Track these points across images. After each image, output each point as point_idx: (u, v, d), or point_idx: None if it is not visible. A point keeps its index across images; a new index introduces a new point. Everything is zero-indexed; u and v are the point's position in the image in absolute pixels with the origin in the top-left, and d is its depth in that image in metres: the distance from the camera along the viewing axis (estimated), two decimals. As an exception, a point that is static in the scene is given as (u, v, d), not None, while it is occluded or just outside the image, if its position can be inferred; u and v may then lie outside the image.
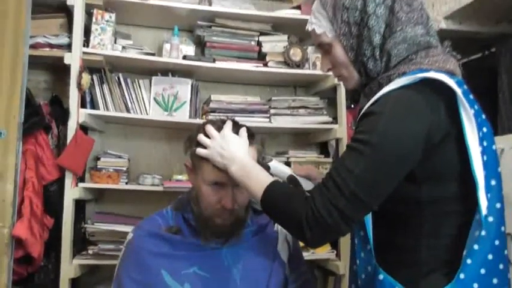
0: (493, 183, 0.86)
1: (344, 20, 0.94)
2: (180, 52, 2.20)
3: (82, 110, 1.97)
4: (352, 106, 2.28)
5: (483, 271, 0.82)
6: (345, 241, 2.14)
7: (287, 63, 2.30)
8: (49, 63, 2.13)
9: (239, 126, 1.16)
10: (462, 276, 0.82)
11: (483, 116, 0.89)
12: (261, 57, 2.33)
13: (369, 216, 0.89)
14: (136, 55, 2.14)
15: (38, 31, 2.02)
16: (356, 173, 0.81)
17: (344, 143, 2.26)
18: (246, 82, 2.48)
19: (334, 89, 2.34)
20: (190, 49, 2.29)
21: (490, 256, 0.82)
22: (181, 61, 2.15)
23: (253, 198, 1.03)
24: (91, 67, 2.06)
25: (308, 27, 1.02)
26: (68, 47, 2.04)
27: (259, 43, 2.33)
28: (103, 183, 2.03)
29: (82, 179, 2.06)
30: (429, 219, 0.87)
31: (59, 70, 2.12)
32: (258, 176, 0.99)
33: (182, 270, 1.09)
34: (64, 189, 1.91)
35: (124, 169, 2.14)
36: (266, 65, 2.30)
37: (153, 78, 2.20)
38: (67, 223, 1.89)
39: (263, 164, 1.14)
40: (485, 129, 0.87)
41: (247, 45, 2.32)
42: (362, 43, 0.92)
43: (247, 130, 1.13)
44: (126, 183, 2.13)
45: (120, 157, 2.17)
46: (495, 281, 0.83)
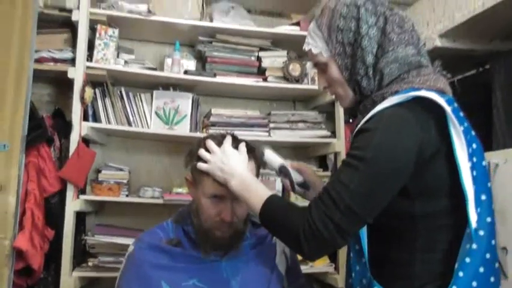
0: (483, 198, 0.88)
1: (339, 41, 0.98)
2: (181, 67, 2.24)
3: (84, 123, 2.00)
4: (350, 121, 2.31)
5: (475, 284, 0.84)
6: (343, 255, 2.15)
7: (286, 78, 2.34)
8: (53, 77, 2.17)
9: (238, 141, 1.20)
10: None
11: (472, 133, 0.92)
12: (261, 72, 2.37)
13: (364, 230, 0.92)
14: (138, 69, 2.17)
15: (43, 46, 2.06)
16: (351, 188, 0.84)
17: (342, 157, 2.28)
18: (246, 96, 2.52)
19: (332, 104, 2.37)
20: (191, 64, 2.33)
21: (481, 269, 0.84)
22: (182, 76, 2.18)
23: (252, 212, 1.05)
24: (94, 81, 2.09)
25: (305, 47, 1.05)
26: (72, 62, 2.08)
27: (259, 58, 2.38)
28: (104, 195, 2.05)
29: (83, 191, 2.08)
30: (422, 233, 0.90)
31: (63, 84, 2.16)
32: (257, 191, 1.01)
33: (182, 282, 1.11)
34: (65, 201, 1.93)
35: (125, 181, 2.16)
36: (266, 80, 2.34)
37: (154, 92, 2.23)
38: (68, 235, 1.90)
39: (258, 151, 1.17)
40: (474, 145, 0.90)
41: (247, 60, 2.36)
42: (356, 62, 0.96)
43: (246, 145, 1.17)
44: (127, 195, 2.15)
45: (121, 170, 2.20)
46: None
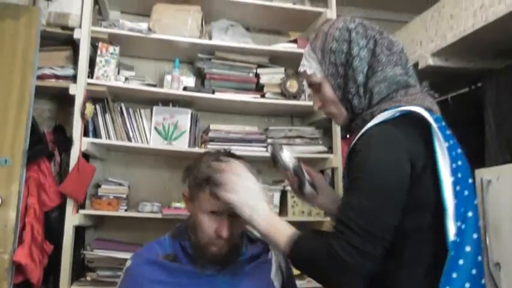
0: (470, 214, 0.91)
1: (332, 62, 1.03)
2: (181, 83, 2.28)
3: (85, 139, 2.03)
4: (347, 136, 2.35)
5: None
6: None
7: (284, 94, 2.38)
8: (54, 93, 2.21)
9: (236, 157, 1.23)
10: None
11: (459, 151, 0.95)
12: (259, 88, 2.41)
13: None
14: (138, 86, 2.21)
15: (45, 63, 2.10)
16: (359, 208, 0.87)
17: (339, 172, 2.31)
18: (244, 112, 2.55)
19: (329, 120, 2.37)
20: (191, 80, 2.37)
21: (467, 285, 0.86)
22: (182, 92, 2.22)
23: (278, 249, 1.04)
24: (95, 97, 2.13)
25: (300, 68, 1.10)
26: (73, 78, 2.12)
27: (257, 75, 2.42)
28: (103, 210, 2.07)
29: (82, 206, 2.10)
30: (409, 247, 0.92)
31: (64, 99, 2.20)
32: (281, 229, 1.00)
33: (179, 297, 1.13)
34: (65, 215, 1.95)
35: (124, 196, 2.18)
36: (263, 96, 2.37)
37: (154, 108, 2.27)
38: (67, 249, 1.92)
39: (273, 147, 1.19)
40: (460, 162, 0.93)
41: (245, 77, 2.40)
42: (348, 82, 1.01)
43: (252, 168, 1.18)
44: (125, 210, 2.17)
45: (120, 184, 2.22)
46: None
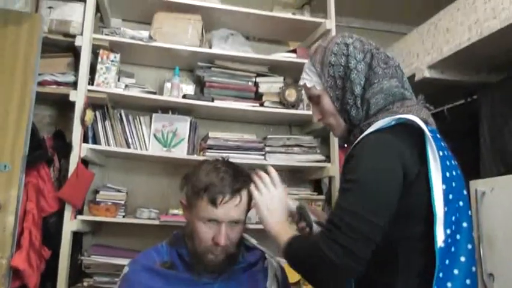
0: (465, 225, 0.93)
1: (330, 75, 1.06)
2: (180, 91, 2.31)
3: (84, 145, 2.04)
4: (345, 145, 2.36)
5: None
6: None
7: (283, 103, 2.41)
8: (55, 99, 2.22)
9: (234, 165, 1.25)
10: None
11: (453, 162, 0.98)
12: (258, 97, 2.44)
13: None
14: (138, 93, 2.24)
15: (46, 69, 2.12)
16: (349, 208, 0.90)
17: (337, 181, 2.33)
18: (243, 120, 2.57)
19: (327, 129, 2.42)
20: (190, 88, 2.39)
21: None
22: (181, 100, 2.24)
23: (278, 250, 1.08)
24: (95, 104, 2.15)
25: (301, 82, 1.14)
26: (73, 85, 2.14)
27: (256, 84, 2.44)
28: (101, 216, 2.08)
29: (80, 212, 2.11)
30: (403, 256, 0.94)
31: (64, 106, 2.21)
32: (288, 234, 1.06)
33: (175, 304, 1.14)
34: (63, 221, 1.96)
35: (122, 202, 2.19)
36: (262, 105, 2.40)
37: (153, 115, 2.29)
38: (64, 255, 1.92)
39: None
40: (454, 172, 0.95)
41: (244, 85, 2.42)
42: (346, 93, 1.05)
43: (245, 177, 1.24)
44: (123, 216, 2.18)
45: (119, 191, 2.23)
46: None
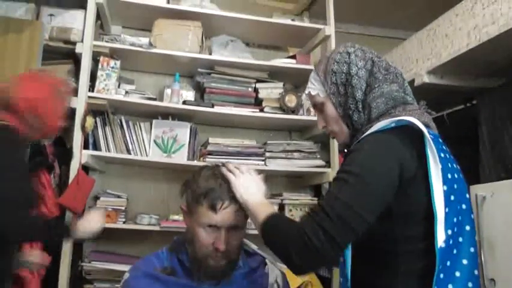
0: (468, 228, 0.94)
1: (333, 82, 1.09)
2: (180, 97, 2.32)
3: (85, 151, 2.05)
4: (345, 151, 2.37)
5: None
6: (336, 285, 2.18)
7: (282, 108, 2.41)
8: (55, 105, 2.23)
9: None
10: None
11: (454, 165, 0.99)
12: (258, 102, 2.45)
13: (349, 260, 0.96)
14: (138, 99, 2.25)
15: (47, 76, 2.14)
16: (341, 198, 0.90)
17: (337, 187, 2.32)
18: (243, 126, 2.58)
19: (327, 134, 2.43)
20: (190, 94, 2.40)
21: None
22: (181, 106, 2.25)
23: (257, 228, 1.08)
24: (95, 110, 2.16)
25: (306, 91, 1.18)
26: (74, 91, 2.14)
27: (256, 90, 2.45)
28: (102, 222, 2.08)
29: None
30: (404, 258, 0.94)
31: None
32: (268, 209, 1.08)
33: (175, 310, 1.14)
34: (64, 227, 1.97)
35: (123, 208, 2.20)
36: (262, 111, 2.40)
37: (154, 121, 2.30)
38: (65, 261, 1.93)
39: None
40: (456, 175, 0.96)
41: (244, 91, 2.43)
42: (348, 99, 1.07)
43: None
44: (124, 222, 2.18)
45: (119, 197, 2.23)
46: None
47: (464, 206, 0.96)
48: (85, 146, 2.09)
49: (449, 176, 0.94)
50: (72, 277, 1.98)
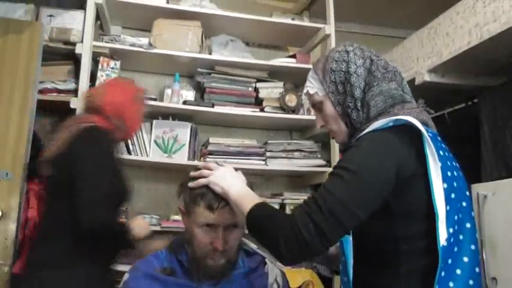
0: (468, 226, 0.94)
1: (332, 80, 1.09)
2: (181, 97, 2.32)
3: (85, 152, 2.05)
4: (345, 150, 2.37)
5: None
6: (337, 284, 2.17)
7: (283, 108, 2.41)
8: (55, 107, 2.23)
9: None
10: None
11: (454, 163, 0.98)
12: (258, 102, 2.44)
13: (350, 259, 0.96)
14: (139, 100, 2.24)
15: (47, 77, 2.14)
16: (335, 194, 0.89)
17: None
18: (243, 126, 2.58)
19: (328, 134, 2.42)
20: (190, 94, 2.40)
21: None
22: (182, 106, 2.25)
23: (243, 218, 1.05)
24: (95, 111, 2.16)
25: (304, 90, 1.17)
26: (74, 92, 2.15)
27: (256, 89, 2.45)
28: (102, 222, 2.08)
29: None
30: (405, 258, 0.94)
31: (65, 113, 2.20)
32: (253, 200, 1.04)
33: (175, 310, 1.14)
34: (64, 228, 1.96)
35: (123, 209, 2.19)
36: (263, 110, 2.40)
37: (154, 121, 2.30)
38: (65, 262, 1.92)
39: None
40: (455, 173, 0.96)
41: (244, 91, 2.43)
42: (347, 97, 1.06)
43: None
44: (124, 222, 2.18)
45: (120, 197, 2.23)
46: None
47: (464, 204, 0.95)
48: (85, 147, 2.09)
49: (448, 174, 0.93)
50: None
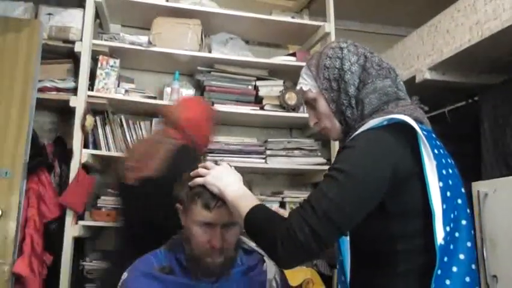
0: (464, 223, 0.93)
1: (326, 77, 1.07)
2: (180, 95, 2.31)
3: (85, 150, 2.05)
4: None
5: None
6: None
7: (283, 106, 2.41)
8: (55, 105, 2.23)
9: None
10: None
11: (449, 160, 0.98)
12: (258, 100, 2.44)
13: (347, 259, 0.96)
14: (138, 98, 2.24)
15: (46, 75, 2.14)
16: (330, 196, 0.89)
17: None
18: (243, 124, 2.58)
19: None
20: (190, 92, 2.40)
21: None
22: (181, 104, 2.24)
23: (240, 220, 1.04)
24: (95, 109, 2.16)
25: (297, 87, 1.14)
26: (73, 91, 2.15)
27: (256, 87, 2.45)
28: (102, 221, 2.08)
29: (82, 217, 2.11)
30: (403, 257, 0.93)
31: (64, 112, 2.22)
32: (250, 200, 1.04)
33: (173, 309, 1.14)
34: (64, 226, 1.97)
35: (123, 207, 2.19)
36: (262, 108, 2.40)
37: (154, 120, 2.30)
38: (66, 261, 1.93)
39: None
40: (450, 170, 0.95)
41: (244, 89, 2.43)
42: (340, 94, 1.05)
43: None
44: (124, 221, 2.18)
45: (119, 195, 2.23)
46: None
47: (459, 201, 0.95)
48: (85, 145, 2.09)
49: (444, 172, 0.93)
50: (73, 277, 1.98)
